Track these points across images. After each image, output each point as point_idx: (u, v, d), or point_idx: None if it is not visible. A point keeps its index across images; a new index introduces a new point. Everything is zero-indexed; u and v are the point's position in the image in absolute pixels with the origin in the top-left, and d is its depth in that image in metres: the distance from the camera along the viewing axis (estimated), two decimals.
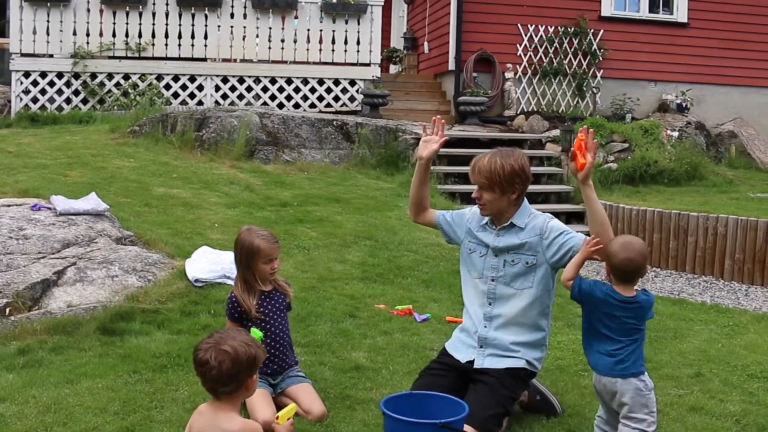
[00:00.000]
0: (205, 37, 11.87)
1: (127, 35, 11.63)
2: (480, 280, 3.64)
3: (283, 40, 12.09)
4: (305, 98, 11.99)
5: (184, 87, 11.73)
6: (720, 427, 3.67)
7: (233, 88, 11.83)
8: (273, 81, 11.94)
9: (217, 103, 11.64)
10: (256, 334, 3.26)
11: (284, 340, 3.78)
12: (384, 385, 3.95)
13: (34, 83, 11.44)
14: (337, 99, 12.12)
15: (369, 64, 12.26)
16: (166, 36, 11.77)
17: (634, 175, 10.20)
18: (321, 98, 12.05)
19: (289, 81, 11.98)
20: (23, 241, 5.32)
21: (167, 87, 11.68)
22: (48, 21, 11.46)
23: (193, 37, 11.84)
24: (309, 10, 12.12)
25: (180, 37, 11.81)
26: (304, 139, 10.02)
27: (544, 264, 3.54)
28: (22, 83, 11.42)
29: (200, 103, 11.65)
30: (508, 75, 12.49)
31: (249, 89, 11.87)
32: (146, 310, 4.77)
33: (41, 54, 11.55)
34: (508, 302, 3.58)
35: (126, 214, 6.53)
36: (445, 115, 12.12)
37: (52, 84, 11.48)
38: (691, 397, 4.01)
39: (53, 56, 11.57)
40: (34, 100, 11.45)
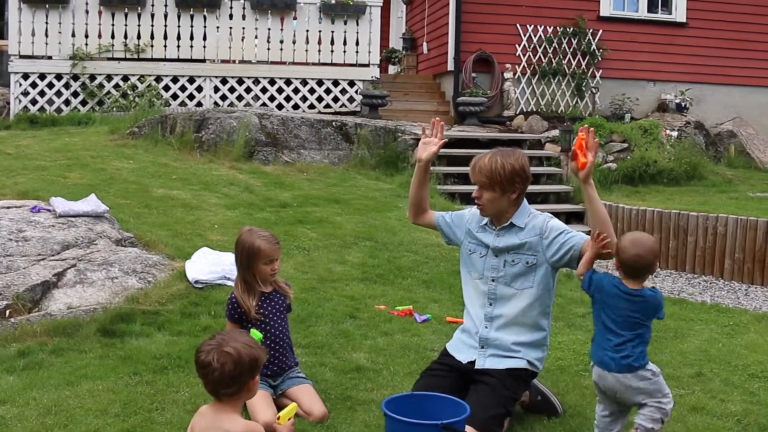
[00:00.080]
0: (204, 38, 11.87)
1: (125, 37, 11.63)
2: (480, 280, 3.64)
3: (282, 41, 12.10)
4: (304, 99, 11.99)
5: (183, 88, 11.73)
6: (721, 427, 3.67)
7: (232, 90, 11.83)
8: (272, 82, 11.93)
9: (216, 104, 11.64)
10: (255, 335, 3.26)
11: (284, 342, 3.78)
12: (385, 386, 3.95)
13: (33, 85, 11.43)
14: (336, 100, 12.12)
15: (368, 65, 12.26)
16: (165, 37, 11.76)
17: (633, 175, 10.20)
18: (320, 99, 12.05)
19: (288, 82, 11.97)
20: (23, 243, 5.32)
21: (166, 88, 11.68)
22: (47, 23, 11.45)
23: (191, 38, 11.84)
24: (308, 10, 12.12)
25: (179, 38, 11.80)
26: (304, 140, 10.01)
27: (544, 264, 3.53)
28: (21, 85, 11.41)
29: (199, 104, 11.65)
30: (507, 75, 12.49)
31: (248, 90, 11.87)
32: (146, 311, 4.77)
33: (40, 56, 11.54)
34: (508, 302, 3.57)
35: (126, 215, 6.52)
36: (444, 116, 12.12)
37: (51, 86, 11.47)
38: (692, 397, 4.00)
39: (52, 58, 11.56)
40: (33, 101, 11.44)
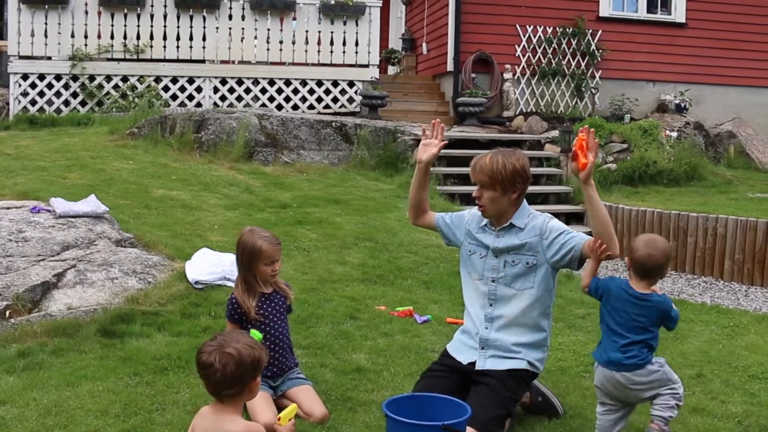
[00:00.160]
0: (204, 38, 11.87)
1: (125, 37, 11.63)
2: (480, 281, 3.64)
3: (281, 42, 12.10)
4: (304, 100, 11.99)
5: (182, 89, 11.72)
6: (722, 428, 3.67)
7: (232, 90, 11.83)
8: (271, 82, 11.93)
9: (216, 104, 11.63)
10: (255, 336, 3.26)
11: (284, 343, 3.77)
12: (385, 387, 3.94)
13: (33, 85, 11.43)
14: (335, 100, 12.11)
15: (367, 66, 12.26)
16: (165, 38, 11.76)
17: (633, 176, 10.19)
18: (320, 99, 12.05)
19: (287, 82, 11.97)
20: (23, 244, 5.31)
21: (166, 89, 11.67)
22: (46, 23, 11.45)
23: (191, 38, 11.83)
24: (307, 11, 12.12)
25: (178, 38, 11.80)
26: (303, 141, 10.01)
27: (544, 264, 3.53)
28: (20, 85, 11.41)
29: (199, 104, 11.65)
30: (506, 76, 12.49)
31: (248, 91, 11.87)
32: (146, 312, 4.77)
33: (39, 56, 11.53)
34: (509, 303, 3.57)
35: (125, 216, 6.52)
36: (444, 116, 12.12)
37: (50, 86, 11.47)
38: (692, 399, 4.00)
39: (51, 58, 11.55)
40: (33, 102, 11.43)
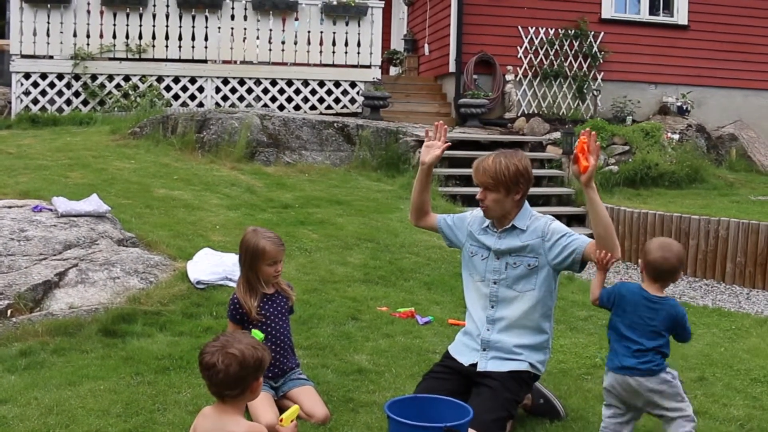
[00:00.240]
0: (206, 38, 11.87)
1: (127, 37, 11.63)
2: (482, 283, 3.63)
3: (283, 42, 12.09)
4: (306, 100, 11.99)
5: (184, 89, 11.72)
6: (724, 431, 3.66)
7: (234, 90, 11.83)
8: (273, 83, 11.93)
9: (218, 104, 11.64)
10: (257, 336, 3.26)
11: (285, 344, 3.77)
12: (387, 388, 3.94)
13: (35, 85, 11.43)
14: (337, 101, 12.11)
15: (369, 66, 12.26)
16: (167, 37, 11.77)
17: (635, 178, 10.20)
18: (321, 100, 12.05)
19: (289, 83, 11.98)
20: (25, 243, 5.31)
21: (168, 89, 11.67)
22: (48, 22, 11.45)
23: (193, 38, 11.84)
24: (309, 11, 12.13)
25: (180, 38, 11.80)
26: (305, 141, 10.01)
27: (546, 266, 3.53)
28: (22, 85, 11.41)
29: (201, 104, 11.65)
30: (508, 77, 12.49)
31: (249, 91, 11.87)
32: (148, 311, 4.77)
33: (41, 55, 11.54)
34: (510, 305, 3.57)
35: (127, 215, 6.52)
36: (446, 117, 12.12)
37: (52, 85, 11.47)
38: (694, 402, 3.98)
39: (53, 58, 11.55)
40: (35, 101, 11.43)
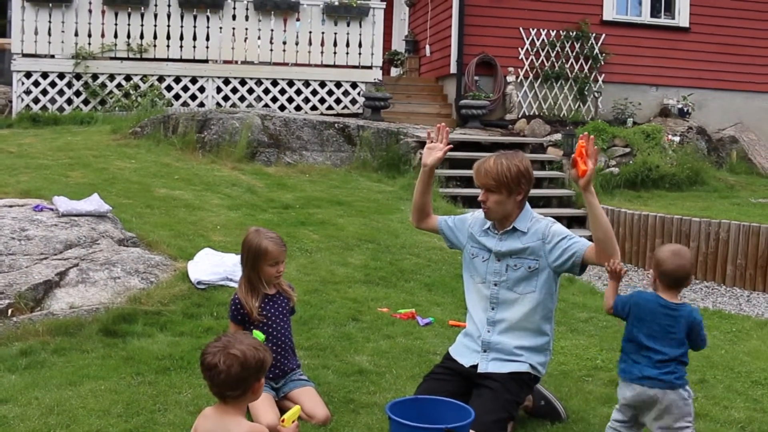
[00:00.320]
0: (207, 38, 11.87)
1: (128, 36, 11.63)
2: (483, 284, 3.63)
3: (284, 42, 12.09)
4: (307, 100, 11.99)
5: (185, 88, 11.72)
6: None
7: (235, 90, 11.83)
8: (275, 83, 11.93)
9: (219, 104, 11.64)
10: (258, 336, 3.25)
11: (286, 345, 3.77)
12: (387, 389, 3.93)
13: (36, 84, 11.43)
14: (338, 101, 12.11)
15: (370, 67, 12.26)
16: (168, 37, 11.77)
17: (635, 180, 10.20)
18: (322, 101, 12.05)
19: (290, 83, 11.97)
20: (25, 242, 5.31)
21: (169, 88, 11.67)
22: (50, 21, 11.45)
23: (194, 38, 11.84)
24: (311, 12, 12.13)
25: (182, 38, 11.80)
26: (306, 142, 10.01)
27: (546, 268, 3.53)
28: (23, 84, 11.41)
29: (202, 104, 11.65)
30: (509, 78, 12.49)
31: (251, 91, 11.87)
32: (149, 311, 4.76)
33: (43, 54, 11.54)
34: (511, 307, 3.57)
35: (128, 215, 6.51)
36: (447, 119, 12.12)
37: (53, 85, 11.47)
38: (695, 404, 3.97)
39: (55, 57, 11.55)
40: (36, 100, 11.43)
